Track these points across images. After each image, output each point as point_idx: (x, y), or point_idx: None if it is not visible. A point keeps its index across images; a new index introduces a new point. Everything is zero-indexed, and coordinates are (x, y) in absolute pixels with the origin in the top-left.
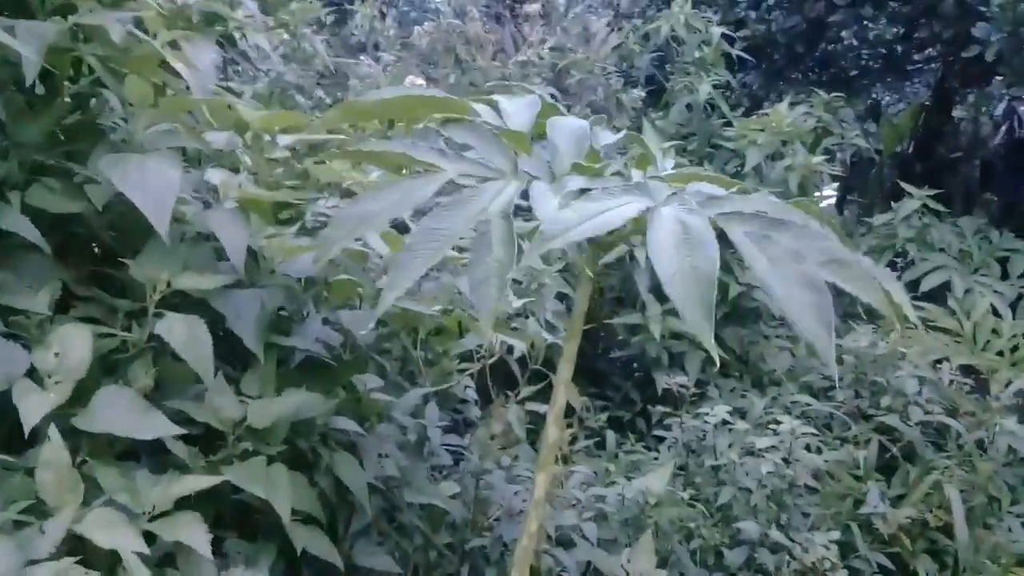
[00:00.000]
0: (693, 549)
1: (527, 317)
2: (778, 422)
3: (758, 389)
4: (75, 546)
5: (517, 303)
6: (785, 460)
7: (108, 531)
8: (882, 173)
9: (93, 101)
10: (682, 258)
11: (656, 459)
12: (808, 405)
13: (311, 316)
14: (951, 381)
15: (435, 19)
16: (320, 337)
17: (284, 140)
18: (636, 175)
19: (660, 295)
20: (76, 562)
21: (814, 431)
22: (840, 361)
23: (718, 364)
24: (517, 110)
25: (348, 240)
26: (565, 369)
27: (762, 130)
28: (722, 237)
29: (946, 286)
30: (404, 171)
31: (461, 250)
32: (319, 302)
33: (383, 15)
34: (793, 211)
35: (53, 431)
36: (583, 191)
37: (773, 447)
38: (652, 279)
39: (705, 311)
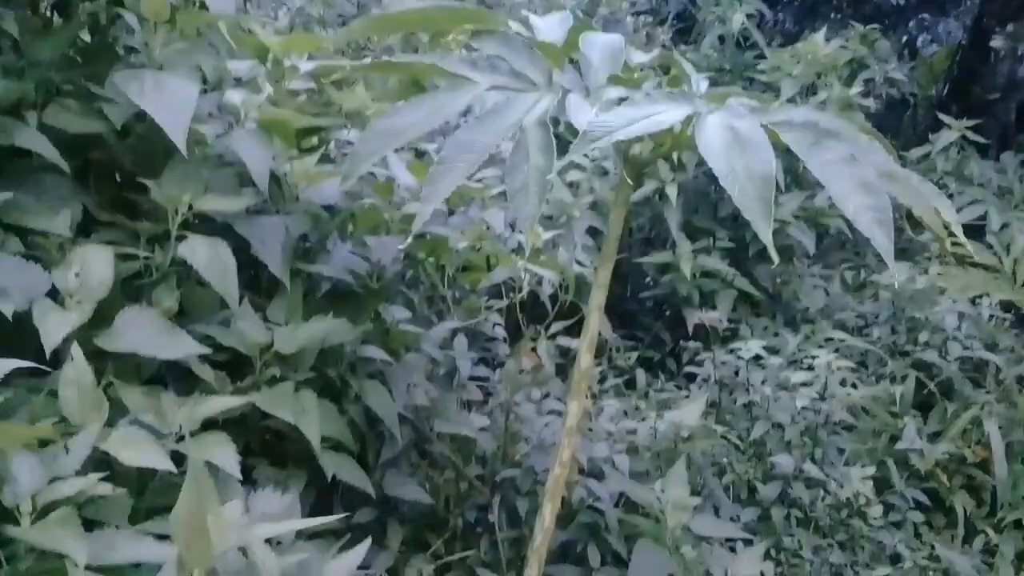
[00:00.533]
0: (726, 484)
1: (556, 249)
2: (813, 358)
3: (791, 328)
4: (101, 468)
5: (546, 235)
6: (820, 396)
7: (134, 449)
8: (916, 114)
9: (108, 21)
10: (734, 159)
11: (687, 397)
12: (843, 342)
13: (337, 244)
14: (991, 317)
15: None
16: (347, 265)
17: (306, 66)
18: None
19: (691, 233)
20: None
21: (851, 365)
22: (876, 297)
23: (775, 260)
24: (549, 25)
25: (378, 155)
26: (598, 295)
27: (797, 61)
28: None
29: (984, 223)
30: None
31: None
32: (345, 230)
33: None
34: (843, 123)
35: (76, 349)
36: (622, 100)
37: (808, 383)
38: (684, 215)
39: (763, 208)
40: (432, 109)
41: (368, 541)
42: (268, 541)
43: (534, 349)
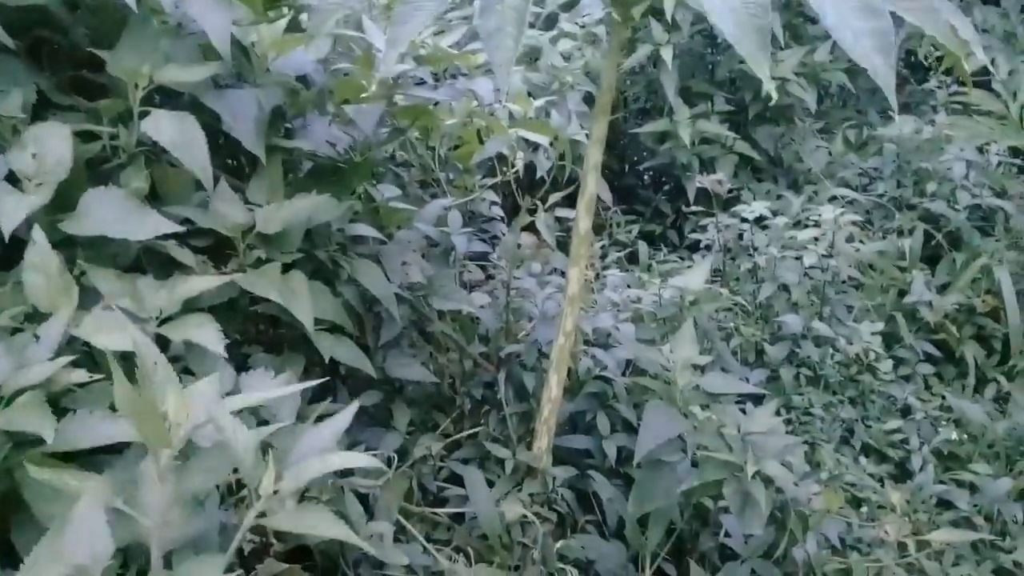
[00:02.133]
0: (734, 348)
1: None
2: (818, 216)
3: (794, 190)
4: (82, 359)
5: (538, 102)
6: (827, 253)
7: (109, 333)
8: None
9: None
10: None
11: (691, 267)
12: (847, 200)
13: (315, 118)
14: (999, 163)
15: None
16: (327, 139)
17: None
18: None
19: (688, 98)
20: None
21: (858, 219)
22: (880, 152)
23: (774, 96)
24: None
25: (342, 5)
26: (593, 152)
27: None
28: None
29: (990, 70)
30: None
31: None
32: (323, 103)
33: None
34: None
35: (38, 232)
36: None
37: (815, 239)
38: (680, 80)
39: (759, 39)
40: None
41: (355, 406)
42: (262, 421)
43: (533, 224)
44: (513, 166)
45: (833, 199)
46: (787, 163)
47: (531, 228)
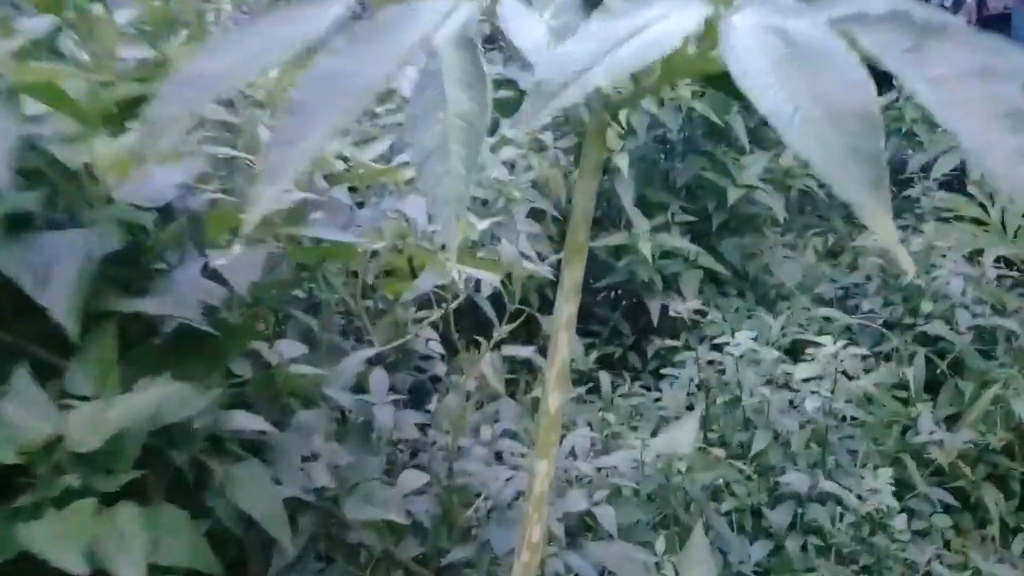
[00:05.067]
0: (726, 511)
1: (497, 242)
2: (809, 345)
3: (764, 307)
4: None
5: (482, 224)
6: (830, 392)
7: None
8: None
9: None
10: (794, 83)
11: (658, 401)
12: (829, 320)
13: (179, 264)
14: (997, 276)
15: None
16: (197, 294)
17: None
18: None
19: (644, 209)
20: None
21: (864, 351)
22: (854, 263)
23: (911, 270)
24: None
25: (188, 116)
26: (566, 306)
27: None
28: None
29: (963, 170)
30: None
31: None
32: (194, 240)
33: None
34: (946, 14)
35: None
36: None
37: (817, 379)
38: (638, 189)
39: (868, 172)
40: (269, 37)
41: None
42: None
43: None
44: (454, 298)
45: (811, 319)
46: (753, 276)
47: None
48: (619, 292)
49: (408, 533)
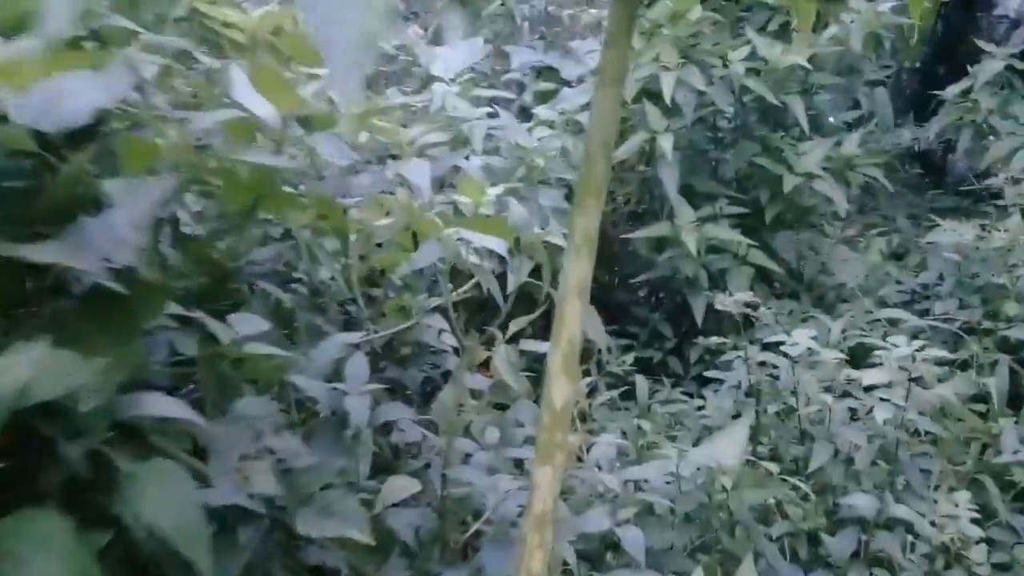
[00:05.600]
0: (778, 536)
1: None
2: (877, 348)
3: (822, 309)
4: None
5: (496, 189)
6: (903, 403)
7: None
8: (900, 81)
9: None
10: None
11: (701, 409)
12: (897, 323)
13: (92, 206)
14: None
15: None
16: (112, 243)
17: None
18: None
19: (690, 198)
20: None
21: (941, 355)
22: (923, 263)
23: None
24: None
25: None
26: (576, 264)
27: None
28: None
29: None
30: None
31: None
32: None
33: None
34: None
35: None
36: None
37: (885, 385)
38: (683, 178)
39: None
40: None
41: None
42: None
43: (487, 361)
44: (470, 277)
45: (875, 321)
46: (808, 277)
47: (486, 364)
48: (660, 290)
49: (394, 550)
